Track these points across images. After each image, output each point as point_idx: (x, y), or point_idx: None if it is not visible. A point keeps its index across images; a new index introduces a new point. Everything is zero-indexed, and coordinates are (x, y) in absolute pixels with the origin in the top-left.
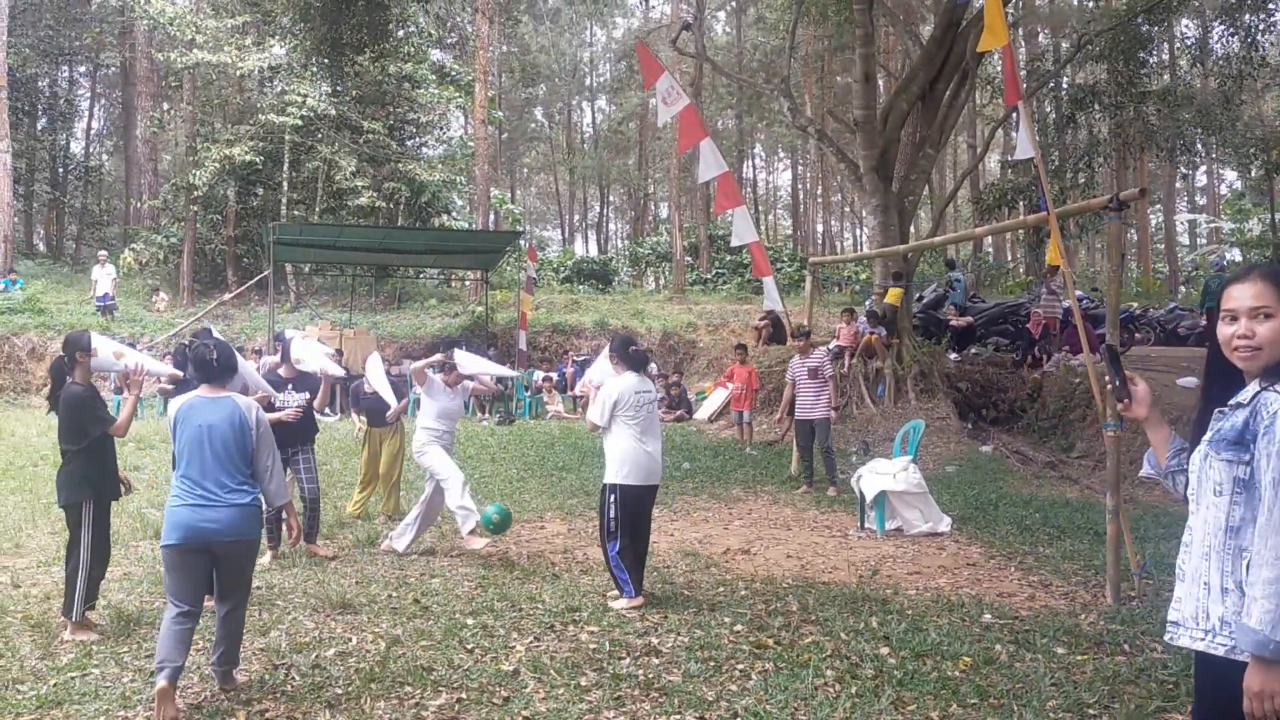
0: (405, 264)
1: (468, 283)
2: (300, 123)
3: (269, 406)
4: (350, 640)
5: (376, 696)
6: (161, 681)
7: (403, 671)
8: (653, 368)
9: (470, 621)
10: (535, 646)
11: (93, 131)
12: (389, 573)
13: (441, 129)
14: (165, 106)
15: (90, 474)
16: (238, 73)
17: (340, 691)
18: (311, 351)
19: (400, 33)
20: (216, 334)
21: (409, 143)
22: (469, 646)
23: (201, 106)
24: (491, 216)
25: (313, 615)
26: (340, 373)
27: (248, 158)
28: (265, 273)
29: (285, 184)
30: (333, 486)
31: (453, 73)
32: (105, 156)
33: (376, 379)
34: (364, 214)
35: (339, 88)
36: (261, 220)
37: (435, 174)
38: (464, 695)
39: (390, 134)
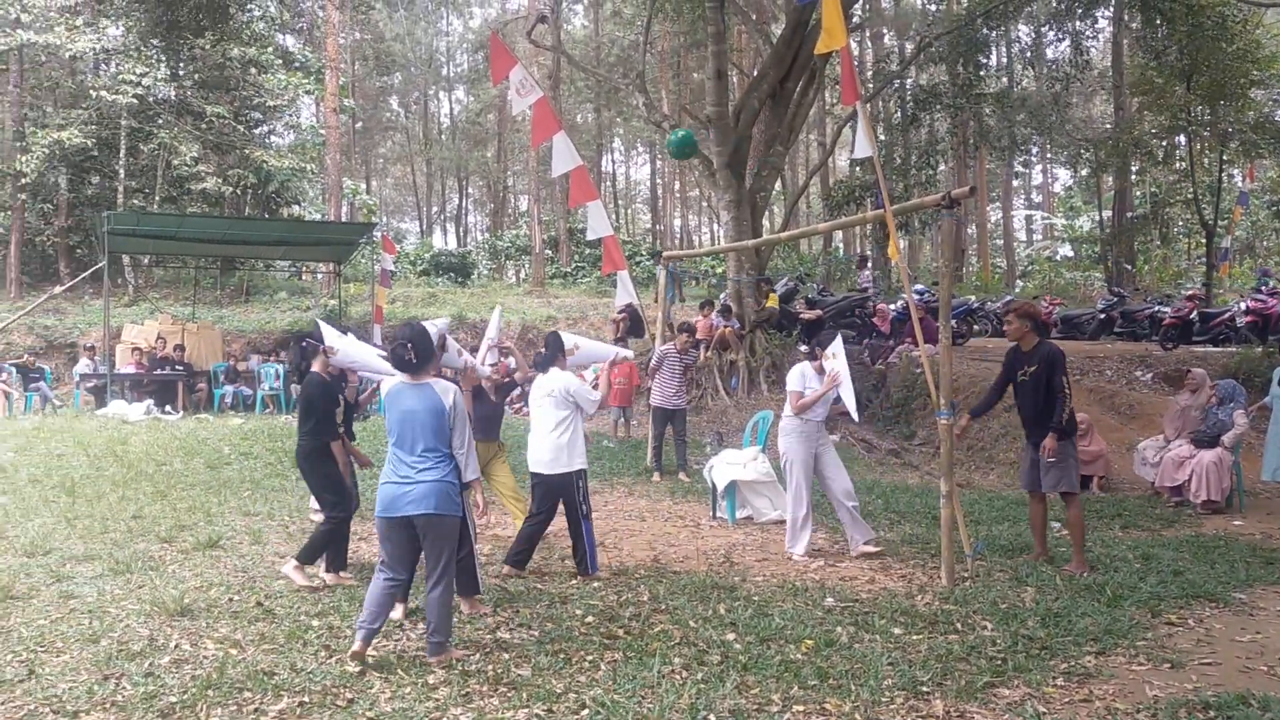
0: (253, 256)
1: (320, 275)
2: (136, 103)
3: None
4: (186, 647)
5: (213, 704)
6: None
7: (242, 677)
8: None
9: (316, 623)
10: (382, 646)
11: None
12: (230, 576)
13: (291, 116)
14: None
15: None
16: (68, 54)
17: (175, 700)
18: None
19: (242, 16)
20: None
21: (256, 129)
22: (313, 649)
23: (30, 90)
24: (345, 207)
25: (146, 622)
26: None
27: (78, 141)
28: (100, 264)
29: (122, 171)
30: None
31: (301, 58)
32: None
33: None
34: (209, 203)
35: (178, 70)
36: (97, 209)
37: (284, 162)
38: (306, 699)
39: (236, 119)
